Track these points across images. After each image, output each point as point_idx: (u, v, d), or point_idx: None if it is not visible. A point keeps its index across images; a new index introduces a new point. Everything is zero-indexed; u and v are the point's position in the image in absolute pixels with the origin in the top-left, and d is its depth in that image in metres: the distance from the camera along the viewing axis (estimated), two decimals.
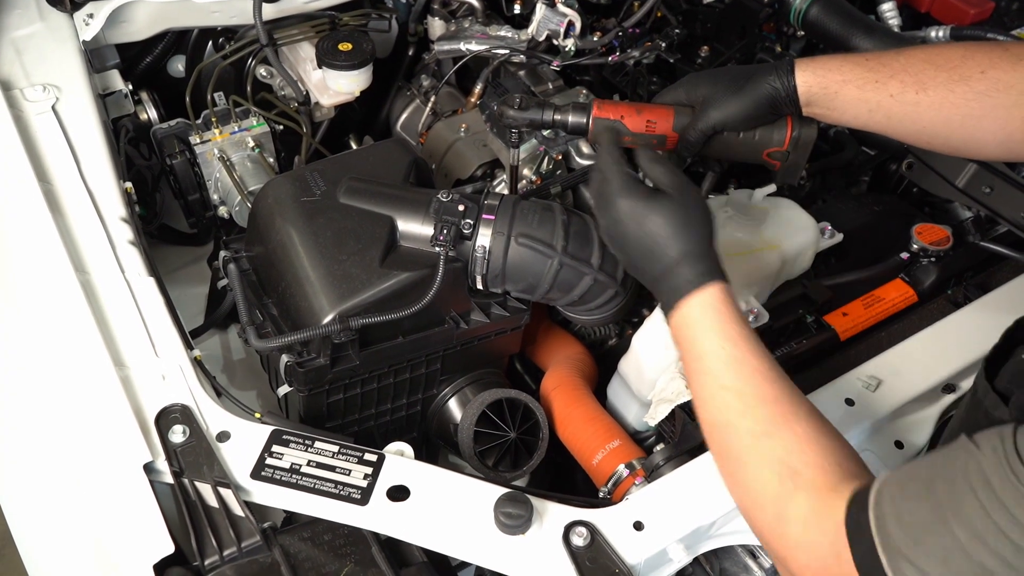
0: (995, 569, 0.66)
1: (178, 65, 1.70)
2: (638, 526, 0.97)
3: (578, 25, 1.57)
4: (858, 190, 1.67)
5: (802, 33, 1.73)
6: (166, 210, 1.67)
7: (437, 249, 1.12)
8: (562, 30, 1.56)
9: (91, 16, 1.49)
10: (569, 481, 1.37)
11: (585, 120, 1.22)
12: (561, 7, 1.54)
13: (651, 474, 1.10)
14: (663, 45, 1.58)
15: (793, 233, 1.26)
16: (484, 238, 1.13)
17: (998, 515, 0.66)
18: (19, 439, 0.99)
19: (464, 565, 1.10)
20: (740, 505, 0.92)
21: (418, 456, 1.04)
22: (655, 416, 1.14)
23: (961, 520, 0.67)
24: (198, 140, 1.50)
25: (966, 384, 1.18)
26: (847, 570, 0.76)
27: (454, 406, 1.29)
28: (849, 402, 1.12)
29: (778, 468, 0.86)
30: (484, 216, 1.14)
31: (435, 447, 1.40)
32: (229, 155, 1.51)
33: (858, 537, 0.75)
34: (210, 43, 1.67)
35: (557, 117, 1.21)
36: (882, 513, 0.73)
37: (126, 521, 0.91)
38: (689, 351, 0.96)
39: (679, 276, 0.96)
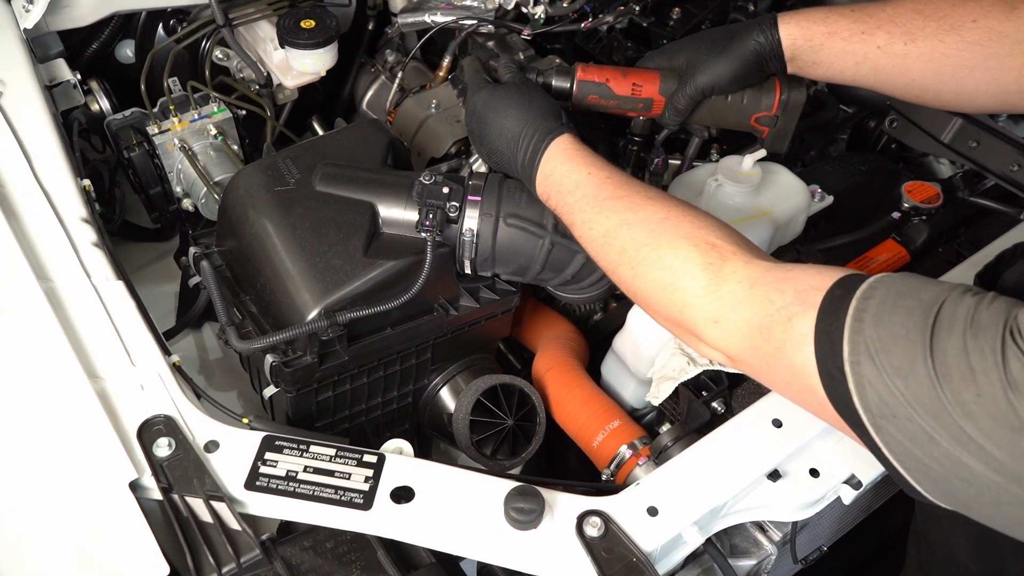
0: (949, 405, 0.66)
1: (127, 50, 1.60)
2: (652, 511, 0.94)
3: None
4: (837, 149, 1.65)
5: None
6: (126, 205, 1.58)
7: (423, 235, 1.07)
8: None
9: (31, 2, 1.39)
10: (561, 463, 1.34)
11: (569, 84, 1.18)
12: None
13: (659, 456, 1.07)
14: (636, 9, 1.53)
15: (784, 198, 1.24)
16: (471, 221, 1.09)
17: (975, 360, 0.66)
18: None
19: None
20: (652, 287, 0.90)
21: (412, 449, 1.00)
22: (658, 395, 1.11)
23: (939, 351, 0.67)
24: (156, 130, 1.42)
25: None
26: (796, 336, 0.76)
27: (446, 395, 1.25)
28: None
29: (695, 241, 0.87)
30: (470, 197, 1.09)
31: (426, 438, 1.36)
32: (190, 144, 1.43)
33: (829, 316, 0.74)
34: (160, 26, 1.58)
35: (540, 80, 1.16)
36: (865, 307, 0.72)
37: (115, 544, 0.85)
38: (560, 193, 1.00)
39: (529, 141, 1.02)
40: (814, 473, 1.02)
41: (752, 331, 0.81)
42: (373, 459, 0.95)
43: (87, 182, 1.20)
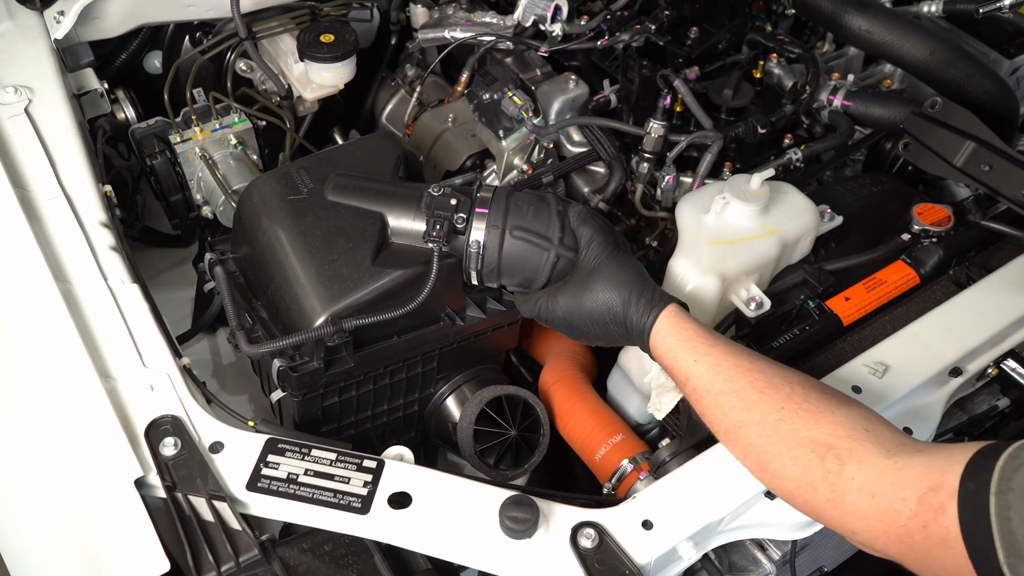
0: None
1: (155, 61, 1.65)
2: (647, 525, 0.95)
3: (565, 9, 1.54)
4: (853, 170, 1.65)
5: (792, 11, 1.70)
6: (148, 212, 1.62)
7: (430, 245, 1.09)
8: (549, 15, 1.53)
9: (62, 13, 1.44)
10: (568, 475, 1.34)
11: None
12: None
13: (657, 470, 1.07)
14: (652, 28, 1.55)
15: (793, 217, 1.24)
16: (478, 232, 1.10)
17: None
18: (3, 458, 0.95)
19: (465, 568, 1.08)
20: (783, 493, 0.91)
21: (416, 456, 1.01)
22: (660, 409, 1.12)
23: None
24: (178, 139, 1.46)
25: (973, 367, 1.16)
26: (938, 541, 0.76)
27: (452, 405, 1.27)
28: (856, 389, 1.09)
29: (811, 447, 0.87)
30: (477, 210, 1.11)
31: (433, 447, 1.37)
32: (211, 153, 1.47)
33: (972, 520, 0.73)
34: (187, 38, 1.62)
35: None
36: (1007, 503, 0.71)
37: (119, 539, 0.88)
38: (676, 377, 1.01)
39: (636, 321, 1.03)
40: None
41: (891, 538, 0.81)
42: (372, 464, 0.97)
43: (108, 188, 1.24)
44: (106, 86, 1.50)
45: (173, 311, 1.46)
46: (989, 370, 1.20)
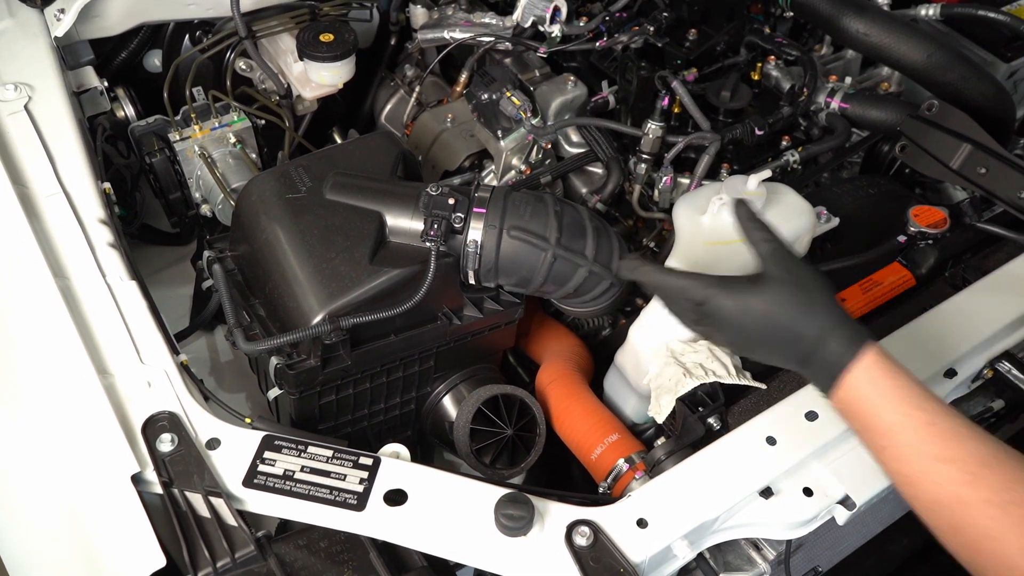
0: None
1: (155, 60, 1.65)
2: (641, 523, 0.95)
3: (564, 10, 1.54)
4: (850, 172, 1.65)
5: (791, 14, 1.71)
6: (147, 209, 1.63)
7: (428, 244, 1.09)
8: (548, 16, 1.54)
9: (62, 11, 1.44)
10: (565, 475, 1.35)
11: None
12: None
13: (652, 469, 1.08)
14: (651, 29, 1.55)
15: (789, 219, 1.24)
16: (475, 232, 1.11)
17: None
18: (1, 453, 0.95)
19: (461, 565, 1.08)
20: None
21: (413, 455, 1.01)
22: (661, 411, 1.12)
23: None
24: (177, 137, 1.46)
25: (968, 369, 1.17)
26: None
27: (449, 404, 1.27)
28: None
29: None
30: (475, 209, 1.11)
31: (430, 445, 1.37)
32: (210, 152, 1.48)
33: None
34: (187, 37, 1.63)
35: None
36: None
37: (116, 535, 0.88)
38: (871, 429, 0.88)
39: (829, 352, 0.89)
40: (807, 492, 1.02)
41: None
42: (369, 462, 0.97)
43: (107, 185, 1.24)
44: (106, 84, 1.50)
45: (171, 308, 1.46)
46: (984, 372, 1.20)
